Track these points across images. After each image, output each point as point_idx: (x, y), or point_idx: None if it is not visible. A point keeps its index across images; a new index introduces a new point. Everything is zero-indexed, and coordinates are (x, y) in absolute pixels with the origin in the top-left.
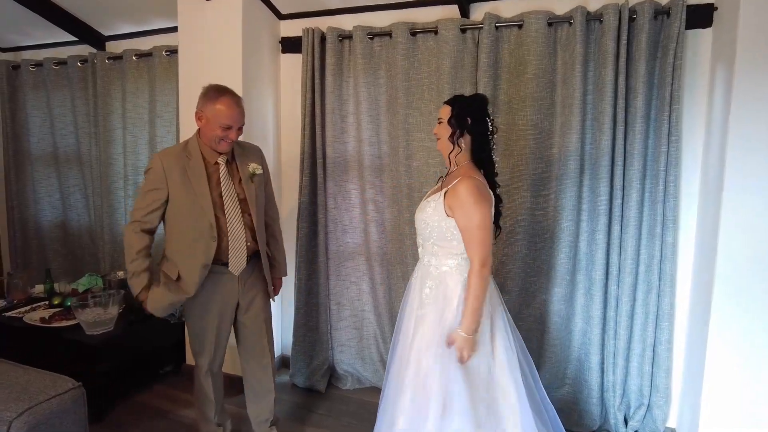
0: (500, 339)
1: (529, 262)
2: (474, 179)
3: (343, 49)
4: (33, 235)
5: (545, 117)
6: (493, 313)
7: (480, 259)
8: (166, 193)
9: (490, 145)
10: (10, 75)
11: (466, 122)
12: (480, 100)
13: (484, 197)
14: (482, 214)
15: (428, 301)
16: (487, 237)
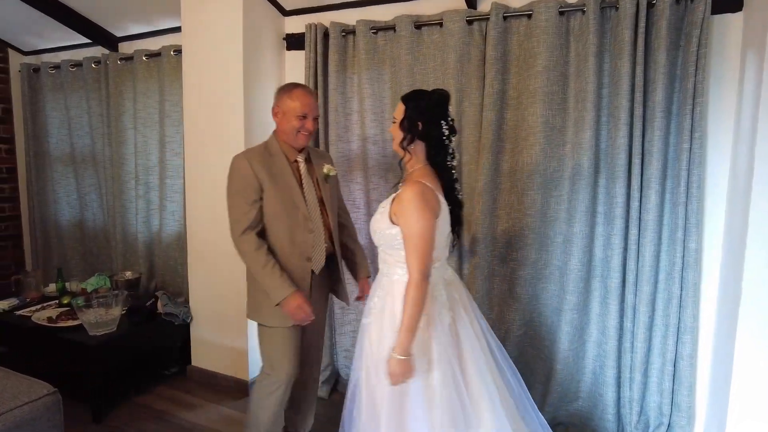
0: (468, 351)
1: (540, 267)
2: (421, 185)
3: (347, 45)
4: (53, 234)
5: (557, 112)
6: (457, 324)
7: (419, 270)
8: (261, 191)
9: (447, 150)
10: (30, 77)
11: (417, 127)
12: (436, 100)
13: (428, 205)
14: (423, 223)
15: (374, 311)
16: (427, 247)
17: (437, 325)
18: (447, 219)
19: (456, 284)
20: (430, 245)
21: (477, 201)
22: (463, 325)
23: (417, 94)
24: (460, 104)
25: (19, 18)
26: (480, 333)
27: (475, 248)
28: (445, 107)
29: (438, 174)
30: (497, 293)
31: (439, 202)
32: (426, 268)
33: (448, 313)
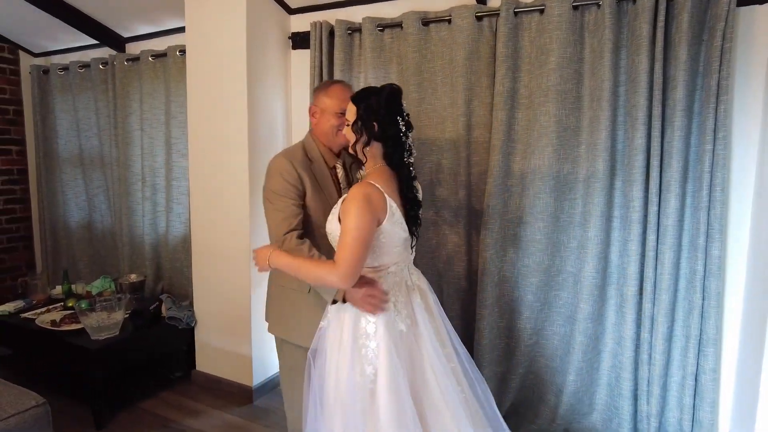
0: (429, 358)
1: (553, 274)
2: (369, 186)
3: (353, 43)
4: (62, 236)
5: (570, 112)
6: (419, 331)
7: (342, 268)
8: (304, 192)
9: (403, 147)
10: (40, 79)
11: (373, 129)
12: (388, 97)
13: (370, 207)
14: (359, 223)
15: (330, 315)
16: (358, 249)
17: (387, 332)
18: (401, 223)
19: (423, 290)
20: (363, 248)
21: (486, 204)
22: (426, 332)
23: (367, 93)
24: (469, 103)
25: (29, 20)
26: (446, 341)
27: (484, 253)
28: (398, 102)
29: (396, 173)
30: (507, 300)
31: (387, 207)
32: (351, 270)
33: (404, 321)
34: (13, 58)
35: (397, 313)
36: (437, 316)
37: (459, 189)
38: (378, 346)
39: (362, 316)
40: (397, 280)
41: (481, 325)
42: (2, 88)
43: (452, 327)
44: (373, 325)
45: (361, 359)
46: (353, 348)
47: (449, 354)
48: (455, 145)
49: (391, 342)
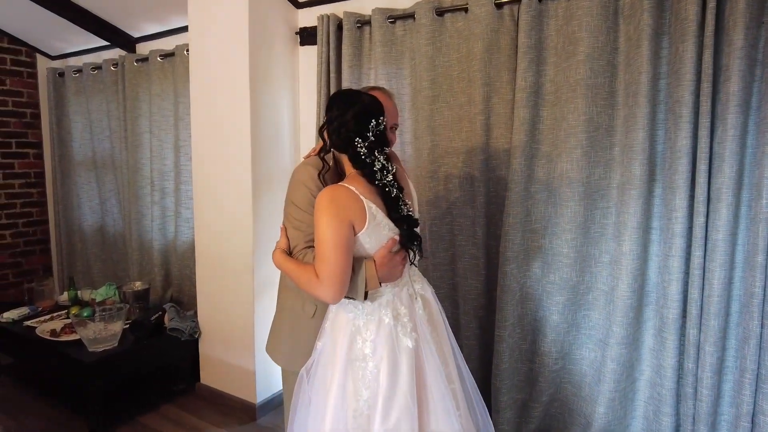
0: (432, 375)
1: (582, 292)
2: (338, 187)
3: (363, 37)
4: (77, 239)
5: (602, 109)
6: (422, 347)
7: (326, 281)
8: None
9: (371, 155)
10: (56, 82)
11: (333, 140)
12: (356, 115)
13: (335, 209)
14: (328, 230)
15: (324, 335)
16: (335, 259)
17: (389, 351)
18: (388, 226)
19: (427, 299)
20: (342, 256)
21: (507, 213)
22: (429, 349)
23: (335, 101)
24: (488, 100)
25: (43, 23)
26: (450, 358)
27: (504, 268)
28: (364, 122)
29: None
30: (530, 320)
31: (366, 209)
32: (336, 283)
33: (410, 335)
34: (31, 61)
35: (401, 327)
36: (441, 329)
37: (477, 196)
38: (377, 367)
39: (358, 335)
40: (396, 290)
41: (501, 347)
42: (20, 91)
43: (455, 341)
44: (371, 344)
45: (357, 382)
46: (347, 370)
47: (450, 374)
48: (472, 147)
49: (393, 362)
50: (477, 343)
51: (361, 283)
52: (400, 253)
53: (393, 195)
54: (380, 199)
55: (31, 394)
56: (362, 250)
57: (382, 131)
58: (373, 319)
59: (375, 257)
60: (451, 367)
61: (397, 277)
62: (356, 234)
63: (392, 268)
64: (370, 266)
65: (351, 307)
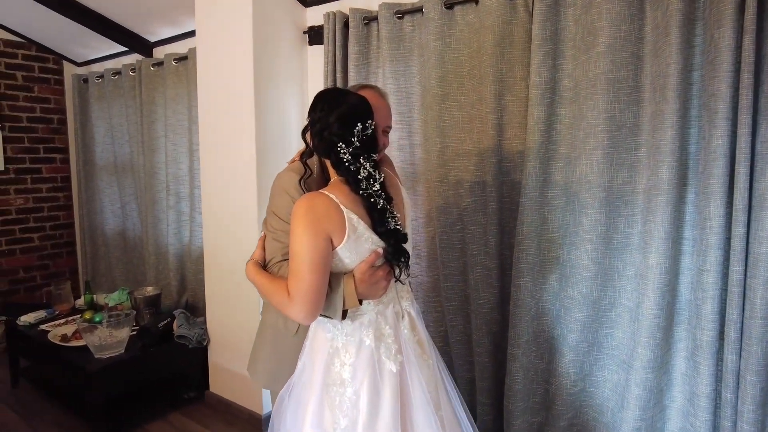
0: (419, 398)
1: (603, 308)
2: (317, 195)
3: (370, 34)
4: (100, 243)
5: (626, 106)
6: (409, 369)
7: (297, 299)
8: None
9: (356, 162)
10: (81, 88)
11: (315, 144)
12: (339, 117)
13: (312, 219)
14: (302, 243)
15: (303, 354)
16: (308, 275)
17: (370, 376)
18: (368, 244)
19: (413, 318)
20: (316, 272)
21: (520, 221)
22: (416, 372)
23: (319, 100)
24: (500, 98)
25: (68, 31)
26: (439, 382)
27: (518, 281)
28: (349, 125)
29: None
30: (547, 338)
31: (345, 220)
32: (308, 302)
33: (395, 359)
34: (58, 68)
35: (385, 349)
36: (428, 350)
37: (489, 202)
38: (357, 393)
39: (336, 358)
40: (380, 309)
41: (514, 366)
42: (47, 97)
43: (443, 363)
44: (350, 368)
45: (335, 409)
46: (323, 396)
47: (438, 400)
48: (484, 149)
49: (374, 388)
50: (490, 361)
51: (339, 301)
52: (384, 268)
53: (379, 206)
54: (364, 210)
55: (46, 399)
56: (341, 265)
57: (369, 135)
58: (353, 341)
59: (355, 272)
60: (440, 392)
61: (379, 295)
62: (334, 248)
63: (373, 285)
64: (349, 282)
65: (330, 327)
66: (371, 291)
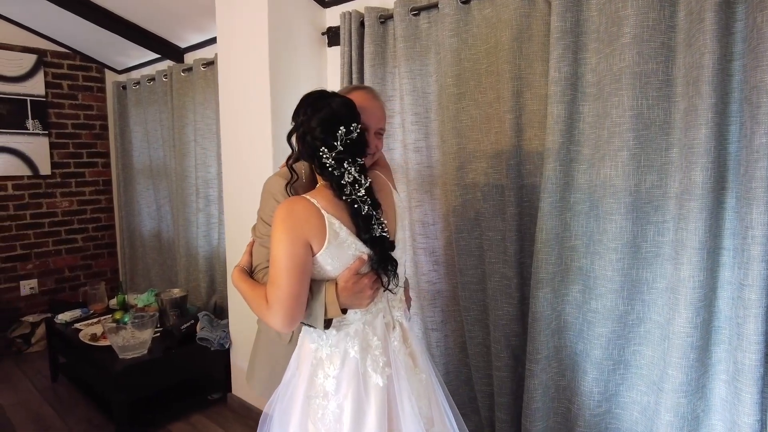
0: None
1: (631, 324)
2: (299, 199)
3: (386, 33)
4: (138, 244)
5: (655, 101)
6: (398, 382)
7: (275, 307)
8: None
9: (340, 167)
10: (120, 94)
11: (300, 148)
12: (322, 121)
13: (291, 224)
14: (281, 249)
15: (291, 364)
16: (287, 282)
17: (355, 389)
18: (352, 250)
19: (406, 329)
20: (295, 279)
21: (539, 227)
22: (405, 387)
23: (302, 104)
24: (518, 96)
25: (104, 40)
26: (432, 398)
27: (537, 292)
28: (330, 129)
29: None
30: (569, 354)
31: (326, 225)
32: (287, 310)
33: (382, 372)
34: (100, 76)
35: (371, 362)
36: (421, 363)
37: (507, 206)
38: (340, 407)
39: (320, 369)
40: (368, 318)
41: (532, 383)
42: (90, 104)
43: (439, 378)
44: (334, 380)
45: (317, 422)
46: (304, 410)
47: (429, 417)
48: (502, 151)
49: (358, 402)
50: (509, 375)
51: (319, 310)
52: (369, 276)
53: (363, 213)
54: (348, 216)
55: (80, 395)
56: (323, 273)
57: (354, 139)
58: (338, 352)
59: (338, 280)
60: (433, 408)
61: (365, 305)
62: (314, 254)
63: (357, 294)
64: (331, 290)
65: (315, 336)
66: (355, 300)
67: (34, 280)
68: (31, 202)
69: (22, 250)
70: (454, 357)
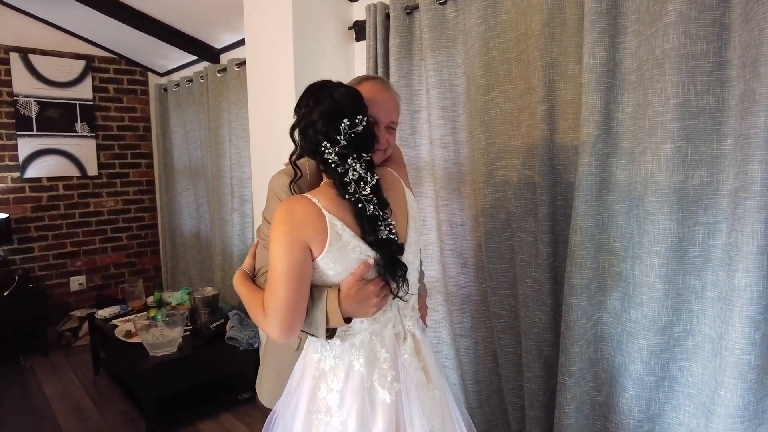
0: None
1: (677, 336)
2: (300, 199)
3: (413, 25)
4: (179, 242)
5: (705, 87)
6: (408, 397)
7: (272, 315)
8: None
9: (344, 163)
10: (161, 96)
11: (302, 142)
12: (324, 113)
13: (290, 226)
14: (278, 252)
15: (294, 374)
16: (285, 289)
17: (360, 405)
18: (356, 254)
19: (419, 340)
20: (293, 285)
21: (574, 229)
22: (415, 404)
23: (304, 95)
24: (550, 86)
25: (150, 44)
26: (446, 415)
27: (570, 299)
28: (333, 122)
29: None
30: (606, 367)
31: (327, 227)
32: (285, 319)
33: (390, 387)
34: (144, 79)
35: (379, 376)
36: (435, 378)
37: (539, 205)
38: (344, 423)
39: (323, 382)
40: (376, 328)
41: (565, 398)
42: (134, 107)
43: (451, 395)
44: (337, 395)
45: None
46: (306, 427)
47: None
48: (534, 145)
49: (363, 420)
50: (540, 388)
51: (320, 318)
52: (375, 282)
53: (368, 213)
54: (352, 217)
55: (118, 389)
56: (325, 278)
57: (360, 133)
58: (342, 364)
59: (341, 286)
60: (447, 427)
61: (370, 314)
62: (314, 258)
63: (362, 302)
64: (333, 297)
65: (318, 346)
66: (359, 308)
67: (83, 276)
68: (79, 202)
69: (72, 247)
70: (484, 366)
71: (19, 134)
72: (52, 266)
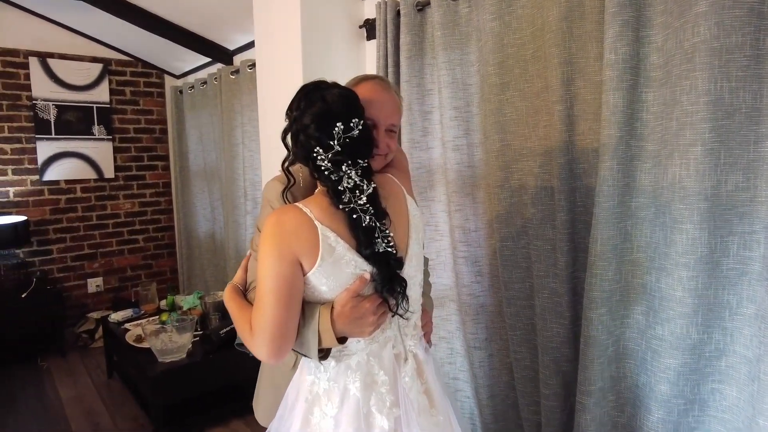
0: None
1: (709, 356)
2: (290, 209)
3: (425, 22)
4: (195, 245)
5: (740, 84)
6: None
7: (259, 334)
8: None
9: (338, 170)
10: (177, 99)
11: (294, 147)
12: (316, 116)
13: (279, 239)
14: (263, 263)
15: (287, 395)
16: (272, 306)
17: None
18: (351, 268)
19: (419, 362)
20: (282, 303)
21: (594, 237)
22: (414, 427)
23: (296, 97)
24: (569, 84)
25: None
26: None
27: (589, 312)
28: (326, 126)
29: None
30: (629, 386)
31: (320, 240)
32: (272, 339)
33: (388, 413)
34: (160, 81)
35: (377, 401)
36: (439, 403)
37: (557, 212)
38: None
39: (316, 406)
40: (374, 349)
41: (583, 419)
42: (150, 109)
43: (456, 420)
44: (332, 421)
45: None
46: None
47: None
48: (551, 147)
49: None
50: (558, 405)
51: (311, 338)
52: (372, 299)
53: (364, 224)
54: (346, 228)
55: (130, 393)
56: (318, 294)
57: (356, 138)
58: (337, 387)
59: (335, 303)
60: None
61: (367, 333)
62: (305, 273)
63: (357, 320)
64: (325, 316)
65: (312, 367)
66: (354, 327)
67: (100, 278)
68: (96, 204)
69: (89, 249)
70: (499, 379)
71: (38, 138)
72: (69, 268)
